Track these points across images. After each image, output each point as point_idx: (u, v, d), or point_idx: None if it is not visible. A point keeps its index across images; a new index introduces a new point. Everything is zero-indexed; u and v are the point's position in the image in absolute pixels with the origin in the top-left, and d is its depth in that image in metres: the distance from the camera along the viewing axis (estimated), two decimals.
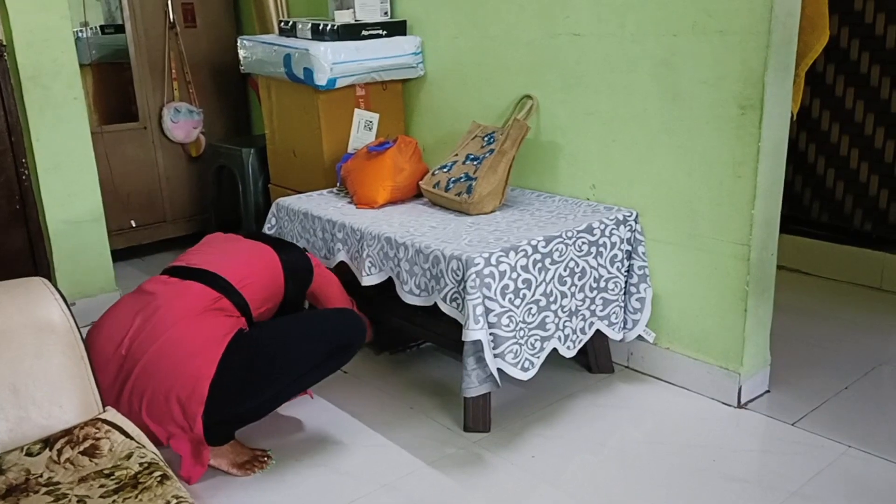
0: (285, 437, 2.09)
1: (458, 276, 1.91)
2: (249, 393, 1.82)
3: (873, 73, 3.04)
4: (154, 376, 1.73)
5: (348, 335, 1.97)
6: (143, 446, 1.13)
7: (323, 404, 2.26)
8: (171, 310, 1.81)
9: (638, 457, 1.95)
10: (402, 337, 2.57)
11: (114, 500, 0.99)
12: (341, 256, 2.34)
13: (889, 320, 2.75)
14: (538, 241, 1.99)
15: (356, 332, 1.99)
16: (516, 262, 1.94)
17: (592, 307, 2.17)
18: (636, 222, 2.23)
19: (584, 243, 2.10)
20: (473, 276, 1.87)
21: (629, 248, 2.23)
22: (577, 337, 2.15)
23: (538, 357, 2.03)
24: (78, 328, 1.21)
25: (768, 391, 2.25)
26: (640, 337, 2.28)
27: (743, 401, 2.17)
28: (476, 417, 2.07)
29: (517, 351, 1.96)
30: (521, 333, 1.97)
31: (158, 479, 1.03)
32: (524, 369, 1.98)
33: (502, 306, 1.92)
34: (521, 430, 2.09)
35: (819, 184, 3.27)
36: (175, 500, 0.98)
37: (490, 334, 1.91)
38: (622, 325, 2.26)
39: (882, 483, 1.80)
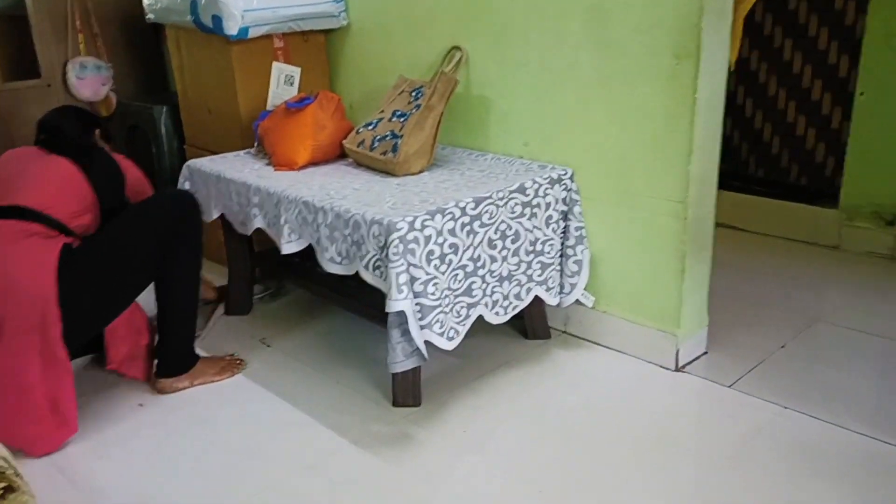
0: (202, 418, 1.95)
1: (380, 242, 1.77)
2: (105, 299, 1.87)
3: (812, 23, 2.97)
4: None
5: (177, 207, 2.01)
6: None
7: (242, 381, 2.12)
8: None
9: (574, 425, 1.87)
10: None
11: None
12: (258, 223, 2.17)
13: (824, 275, 2.73)
14: (466, 203, 1.86)
15: (183, 202, 2.04)
16: (443, 225, 1.81)
17: (529, 272, 2.07)
18: (571, 181, 2.12)
19: (516, 204, 1.98)
20: (396, 241, 1.73)
21: (565, 208, 2.12)
22: (511, 303, 2.04)
23: (463, 325, 1.91)
24: None
25: (706, 353, 2.20)
26: (577, 301, 2.19)
27: (681, 363, 2.11)
28: (405, 392, 1.95)
29: (443, 320, 1.84)
30: (447, 301, 1.85)
31: (0, 492, 0.88)
32: (449, 338, 1.87)
33: (428, 273, 1.79)
34: (452, 402, 1.98)
35: (756, 138, 3.22)
36: None
37: (416, 304, 1.78)
38: (559, 290, 2.16)
39: (817, 443, 1.76)
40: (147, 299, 2.03)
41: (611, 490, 1.63)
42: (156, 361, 2.07)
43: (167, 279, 2.01)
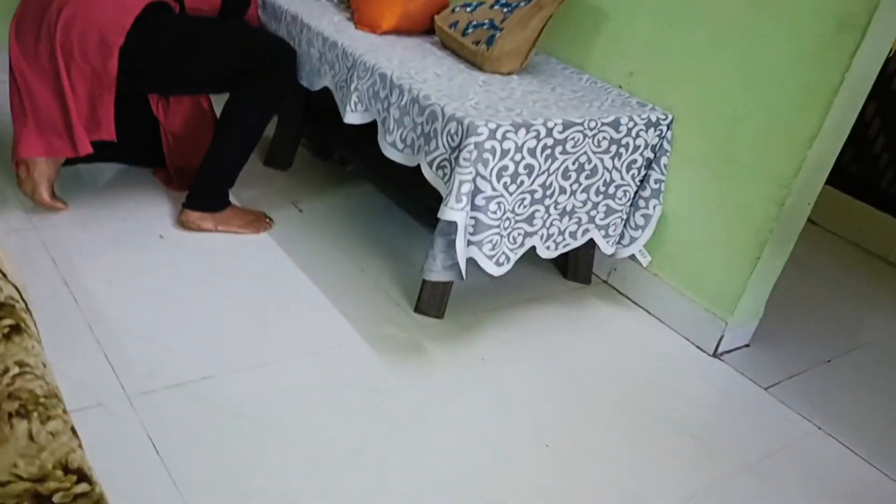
0: (218, 269, 1.84)
1: (453, 141, 1.60)
2: (161, 72, 1.85)
3: None
4: (77, 15, 1.71)
5: (279, 49, 1.99)
6: (3, 275, 0.85)
7: (267, 241, 2.00)
8: None
9: (590, 383, 1.76)
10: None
11: None
12: (326, 81, 1.99)
13: (893, 298, 2.56)
14: (555, 125, 1.67)
15: (286, 50, 2.01)
16: (524, 142, 1.63)
17: (593, 213, 1.90)
18: (668, 129, 1.92)
19: (605, 139, 1.79)
20: (472, 146, 1.56)
21: (651, 156, 1.93)
22: (564, 240, 1.89)
23: (515, 253, 1.77)
24: None
25: (748, 346, 2.06)
26: (632, 256, 2.04)
27: (720, 350, 1.98)
28: (430, 301, 1.83)
29: (496, 242, 1.69)
30: (507, 224, 1.70)
31: (6, 331, 0.77)
32: (499, 264, 1.73)
33: (494, 189, 1.63)
34: (474, 325, 1.87)
35: (862, 130, 2.94)
36: (17, 369, 0.72)
37: (472, 218, 1.63)
38: (617, 240, 2.00)
39: (843, 475, 1.65)
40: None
41: (616, 461, 1.53)
42: (188, 192, 1.96)
43: (229, 110, 1.89)
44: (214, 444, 1.35)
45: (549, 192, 1.75)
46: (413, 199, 1.93)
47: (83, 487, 0.62)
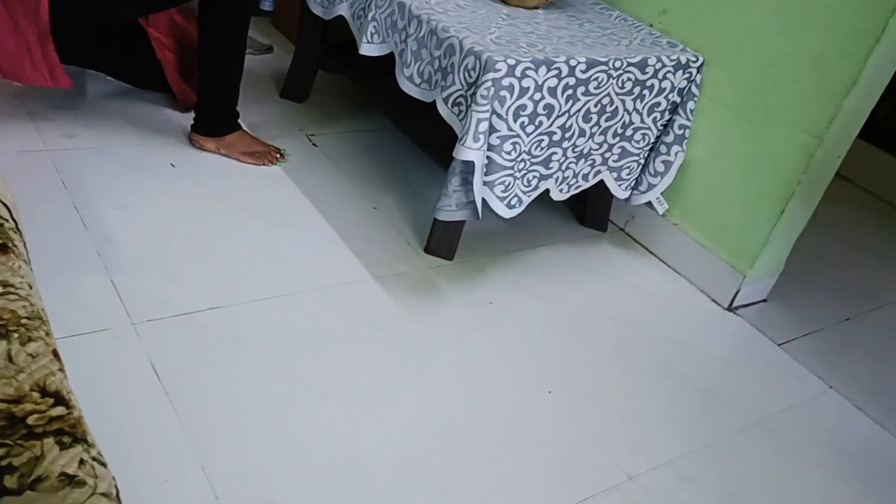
0: (229, 200, 1.82)
1: (470, 77, 1.54)
2: None
3: None
4: None
5: None
6: None
7: (278, 173, 1.97)
8: None
9: (599, 331, 1.73)
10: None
11: None
12: (342, 10, 1.92)
13: None
14: (578, 63, 1.60)
15: None
16: (544, 81, 1.57)
17: (607, 154, 1.84)
18: (698, 72, 1.83)
19: (629, 80, 1.71)
20: (489, 83, 1.50)
21: (677, 100, 1.85)
22: (577, 182, 1.84)
23: (529, 196, 1.72)
24: None
25: (765, 300, 2.02)
26: (649, 204, 1.98)
27: (735, 304, 1.94)
28: (441, 242, 1.80)
29: (509, 184, 1.65)
30: (521, 166, 1.65)
31: None
32: (510, 206, 1.68)
33: (510, 129, 1.57)
34: (485, 268, 1.84)
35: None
36: (1, 288, 0.70)
37: (486, 157, 1.58)
38: (633, 184, 1.94)
39: (851, 436, 1.63)
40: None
41: (620, 410, 1.52)
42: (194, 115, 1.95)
43: (204, 29, 1.82)
44: (218, 374, 1.35)
45: (567, 135, 1.70)
46: (430, 137, 1.88)
47: (59, 410, 0.60)
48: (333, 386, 1.39)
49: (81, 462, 0.58)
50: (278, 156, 2.01)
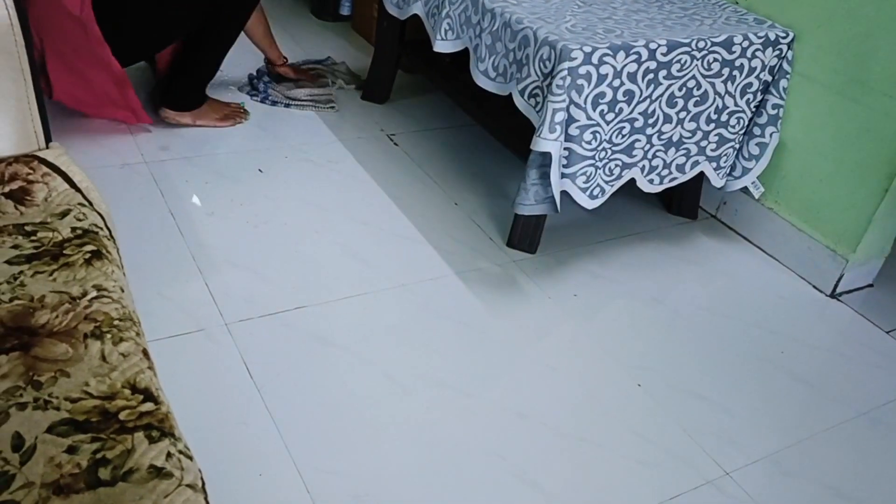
0: (311, 204, 1.87)
1: (546, 67, 1.52)
2: (144, 26, 1.85)
3: None
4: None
5: None
6: (89, 203, 0.89)
7: (360, 172, 2.00)
8: None
9: (693, 323, 1.67)
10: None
11: (20, 272, 0.76)
12: (417, 9, 1.94)
13: None
14: (658, 46, 1.55)
15: None
16: (623, 66, 1.53)
17: (703, 143, 1.77)
18: (789, 48, 1.74)
19: (716, 60, 1.65)
20: (565, 72, 1.48)
21: (769, 78, 1.76)
22: (670, 174, 1.78)
23: (612, 186, 1.68)
24: (24, 28, 0.90)
25: (871, 286, 1.90)
26: (744, 189, 1.90)
27: (838, 290, 1.83)
28: (524, 235, 1.79)
29: (591, 174, 1.61)
30: (602, 155, 1.62)
31: (87, 256, 0.79)
32: (592, 196, 1.65)
33: (589, 118, 1.54)
34: (569, 261, 1.81)
35: None
36: (95, 292, 0.75)
37: (565, 149, 1.56)
38: (729, 171, 1.87)
39: None
40: None
41: (714, 404, 1.46)
42: (164, 91, 2.05)
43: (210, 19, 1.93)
44: (305, 371, 1.38)
45: (651, 121, 1.65)
46: (509, 131, 1.87)
47: (148, 406, 0.63)
48: (417, 381, 1.40)
49: (169, 455, 0.61)
50: (242, 111, 2.13)
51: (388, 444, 1.27)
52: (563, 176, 1.58)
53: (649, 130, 1.65)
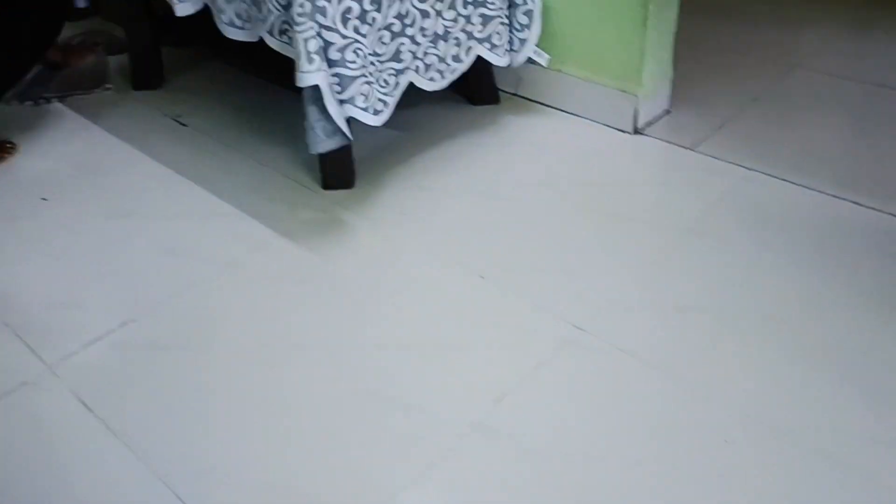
0: (119, 211, 1.75)
1: (281, 0, 1.46)
2: None
3: None
4: None
5: None
6: None
7: (156, 168, 1.89)
8: None
9: (525, 198, 1.70)
10: None
11: None
12: None
13: (803, 16, 2.45)
14: None
15: None
16: None
17: (469, 28, 1.77)
18: None
19: None
20: None
21: None
22: (449, 66, 1.78)
23: (391, 96, 1.66)
24: None
25: (668, 111, 1.99)
26: (530, 60, 1.92)
27: (639, 125, 1.92)
28: (335, 173, 1.76)
29: (367, 92, 1.59)
30: (372, 70, 1.59)
31: None
32: (376, 112, 1.63)
33: (345, 37, 1.50)
34: (389, 182, 1.80)
35: None
36: None
37: (333, 75, 1.52)
38: (508, 48, 1.88)
39: (778, 206, 1.63)
40: None
41: (563, 267, 1.51)
42: None
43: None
44: (149, 385, 1.32)
45: (408, 21, 1.62)
46: (284, 73, 1.80)
47: None
48: (273, 352, 1.36)
49: None
50: (9, 146, 1.96)
51: (257, 427, 1.24)
52: (342, 102, 1.55)
53: (410, 31, 1.63)
